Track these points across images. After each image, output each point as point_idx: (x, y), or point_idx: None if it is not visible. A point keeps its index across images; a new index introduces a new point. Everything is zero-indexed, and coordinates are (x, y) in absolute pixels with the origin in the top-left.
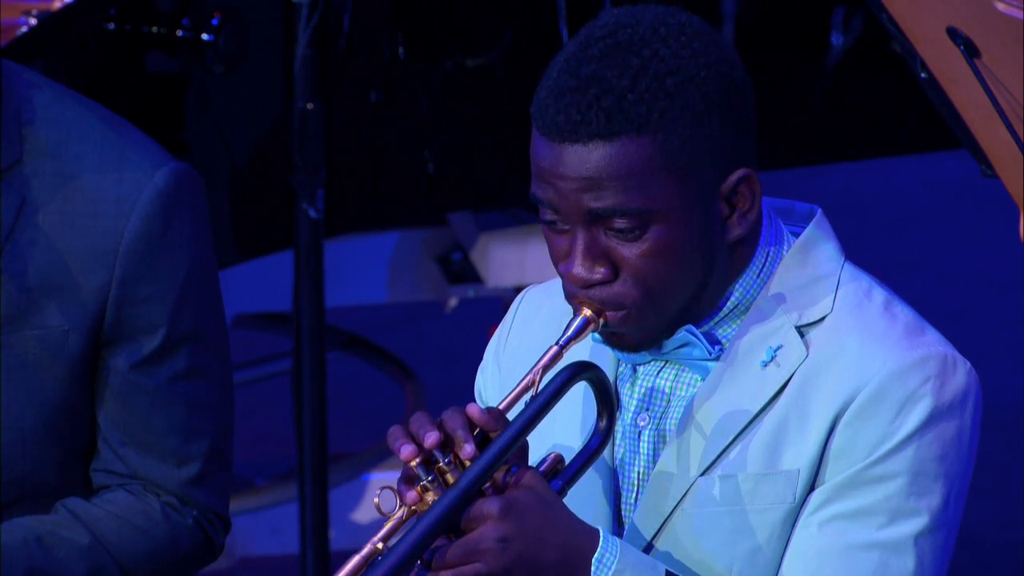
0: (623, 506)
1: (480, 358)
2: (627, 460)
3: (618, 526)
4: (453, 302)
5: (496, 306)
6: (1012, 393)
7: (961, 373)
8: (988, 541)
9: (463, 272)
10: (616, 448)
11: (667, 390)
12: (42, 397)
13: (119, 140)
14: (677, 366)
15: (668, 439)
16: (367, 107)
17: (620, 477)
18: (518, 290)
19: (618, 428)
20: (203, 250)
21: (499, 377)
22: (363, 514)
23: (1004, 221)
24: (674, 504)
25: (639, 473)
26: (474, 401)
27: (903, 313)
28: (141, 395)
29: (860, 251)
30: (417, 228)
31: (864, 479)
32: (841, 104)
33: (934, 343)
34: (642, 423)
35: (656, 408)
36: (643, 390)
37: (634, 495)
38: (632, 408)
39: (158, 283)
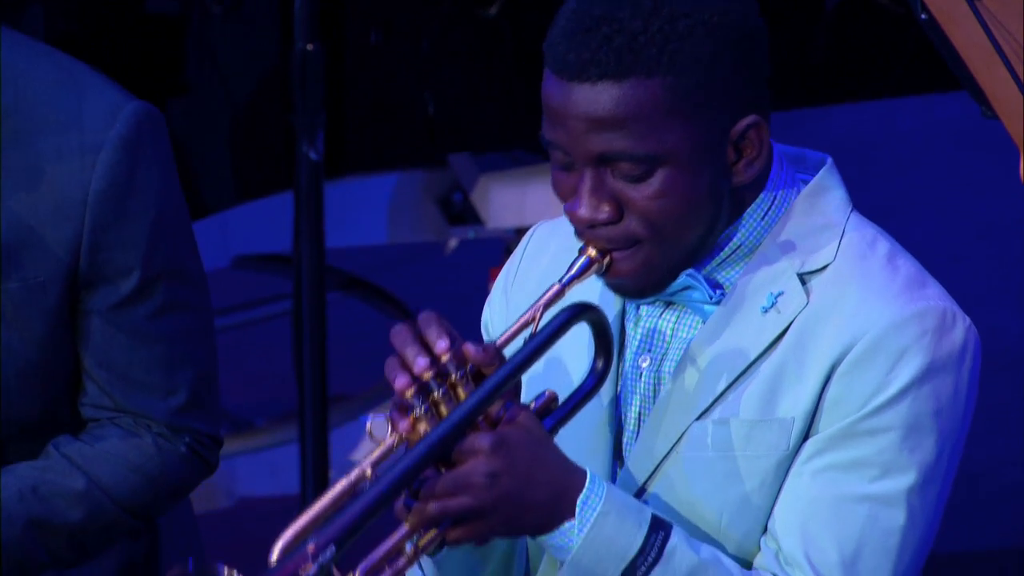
0: (624, 444)
1: (480, 298)
2: (628, 399)
3: (617, 464)
4: (453, 243)
5: (496, 247)
6: (1011, 334)
7: (959, 328)
8: (987, 481)
9: (463, 213)
10: (618, 385)
11: (668, 332)
12: (22, 348)
13: (75, 87)
14: (680, 308)
15: (666, 381)
16: (367, 48)
17: (621, 415)
18: (518, 231)
19: (621, 366)
20: (169, 187)
21: (506, 311)
22: (363, 455)
23: (1004, 163)
24: (668, 447)
25: (638, 412)
26: (471, 338)
27: (905, 265)
28: (123, 334)
29: (861, 192)
30: (417, 169)
31: (858, 431)
32: (842, 45)
33: (934, 297)
34: (643, 363)
35: (657, 349)
36: (645, 330)
37: (634, 433)
38: (634, 347)
39: (128, 227)
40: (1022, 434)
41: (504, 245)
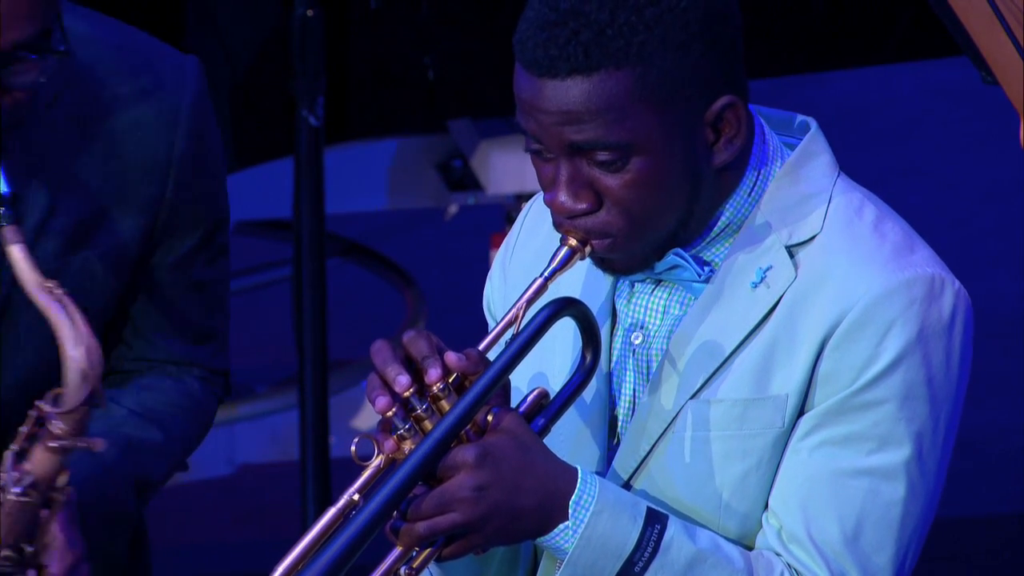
0: (619, 422)
1: (480, 265)
2: (621, 376)
3: (613, 441)
4: (453, 209)
5: (496, 213)
6: (1011, 300)
7: (949, 294)
8: (987, 448)
9: (463, 179)
10: (612, 363)
11: (659, 309)
12: (96, 307)
13: (136, 49)
14: (671, 285)
15: (659, 360)
16: (367, 13)
17: (616, 393)
18: (518, 197)
19: (615, 343)
20: (219, 133)
21: (504, 287)
22: (362, 421)
23: (1004, 128)
24: (663, 427)
25: (633, 390)
26: (472, 304)
27: (893, 231)
28: (181, 285)
29: (860, 159)
30: (417, 135)
31: (852, 405)
32: (842, 10)
33: (922, 263)
34: (635, 340)
35: (649, 326)
36: (638, 308)
37: (629, 411)
38: (626, 324)
39: (206, 180)
40: (1022, 400)
41: (504, 211)
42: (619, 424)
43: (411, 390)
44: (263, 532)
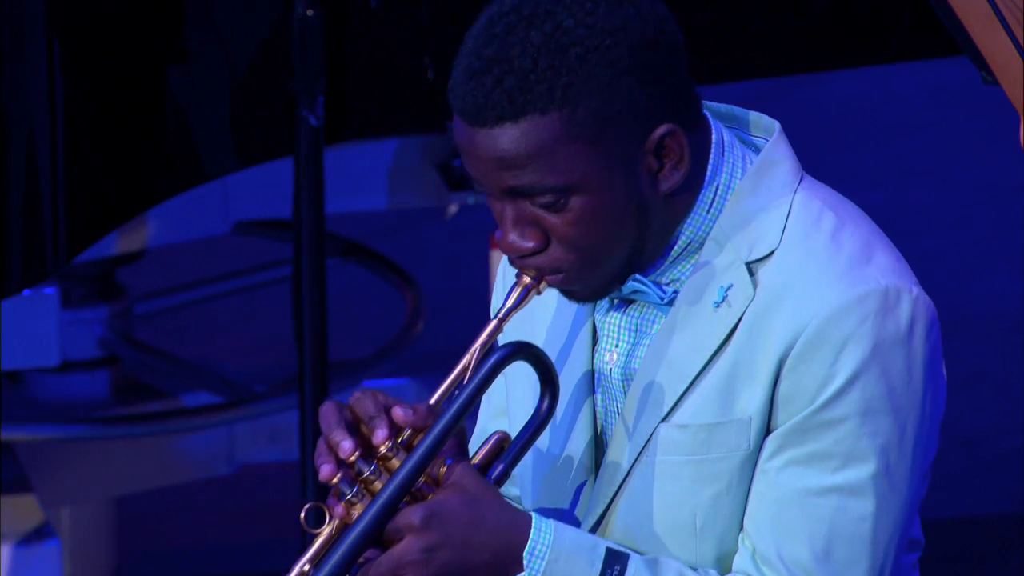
0: (607, 437)
1: (480, 265)
2: (607, 396)
3: (600, 456)
4: (453, 209)
5: None
6: (1010, 300)
7: (905, 303)
8: (986, 447)
9: (463, 179)
10: (596, 380)
11: (632, 328)
12: None
13: None
14: (642, 304)
15: (632, 380)
16: (367, 13)
17: (600, 411)
18: None
19: (596, 360)
20: None
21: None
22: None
23: (1004, 128)
24: (637, 451)
25: (617, 409)
26: (471, 304)
27: (851, 239)
28: None
29: (860, 158)
30: (417, 135)
31: (813, 424)
32: (842, 10)
33: (876, 276)
34: (611, 358)
35: (624, 345)
36: (612, 327)
37: (611, 433)
38: (602, 342)
39: None
40: (1022, 399)
41: None
42: (608, 438)
43: (356, 454)
44: (263, 532)
